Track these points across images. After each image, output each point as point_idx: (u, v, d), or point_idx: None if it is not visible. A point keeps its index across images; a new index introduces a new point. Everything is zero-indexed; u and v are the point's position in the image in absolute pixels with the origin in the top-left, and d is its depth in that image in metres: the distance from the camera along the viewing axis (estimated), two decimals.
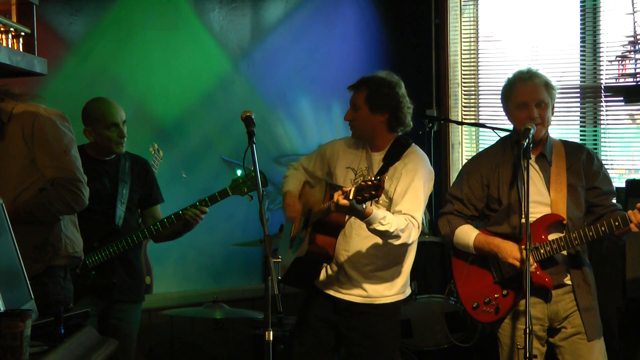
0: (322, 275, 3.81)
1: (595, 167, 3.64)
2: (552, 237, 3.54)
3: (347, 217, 3.64)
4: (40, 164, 3.51)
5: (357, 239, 3.74)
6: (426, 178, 3.72)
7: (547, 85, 3.62)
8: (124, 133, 4.27)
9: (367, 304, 3.76)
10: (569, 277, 3.59)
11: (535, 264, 3.51)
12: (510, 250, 3.54)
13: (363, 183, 3.30)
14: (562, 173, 3.60)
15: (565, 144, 3.73)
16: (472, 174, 3.76)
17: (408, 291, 3.89)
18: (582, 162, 3.63)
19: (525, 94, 3.60)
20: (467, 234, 3.69)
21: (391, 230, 3.49)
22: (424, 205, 3.70)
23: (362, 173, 3.72)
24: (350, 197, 3.27)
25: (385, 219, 3.47)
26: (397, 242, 3.56)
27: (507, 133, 4.59)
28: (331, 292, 3.80)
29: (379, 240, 3.63)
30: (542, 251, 3.52)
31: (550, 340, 3.66)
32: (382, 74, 3.80)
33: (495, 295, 3.65)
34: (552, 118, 5.16)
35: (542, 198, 3.60)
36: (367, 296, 3.75)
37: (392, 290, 3.79)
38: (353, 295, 3.76)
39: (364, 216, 3.44)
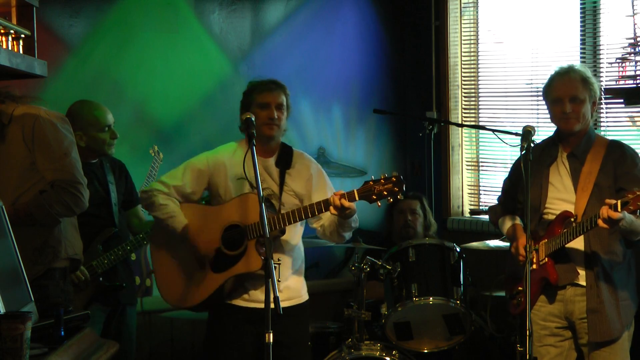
0: (241, 291, 3.75)
1: (625, 168, 3.58)
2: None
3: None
4: (41, 166, 3.51)
5: (280, 244, 3.75)
6: None
7: (585, 81, 3.61)
8: (116, 134, 4.29)
9: (293, 305, 3.78)
10: (584, 278, 3.58)
11: (546, 259, 3.59)
12: (520, 244, 3.65)
13: (372, 182, 3.47)
14: (593, 173, 3.58)
15: (610, 143, 3.68)
16: (513, 169, 3.88)
17: None
18: (615, 162, 3.60)
19: (560, 89, 3.63)
20: (506, 223, 3.85)
21: (357, 219, 3.71)
22: None
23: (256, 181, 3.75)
24: (357, 198, 3.47)
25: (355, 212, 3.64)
26: (350, 233, 3.80)
27: (509, 135, 4.62)
28: (255, 305, 3.73)
29: (295, 242, 3.78)
30: (550, 245, 3.59)
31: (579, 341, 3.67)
32: None
33: (519, 288, 3.72)
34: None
35: (567, 196, 3.63)
36: (290, 298, 3.78)
37: (305, 286, 3.90)
38: (282, 301, 3.72)
39: (352, 215, 3.59)
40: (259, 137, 3.78)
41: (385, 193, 3.45)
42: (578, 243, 3.56)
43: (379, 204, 3.55)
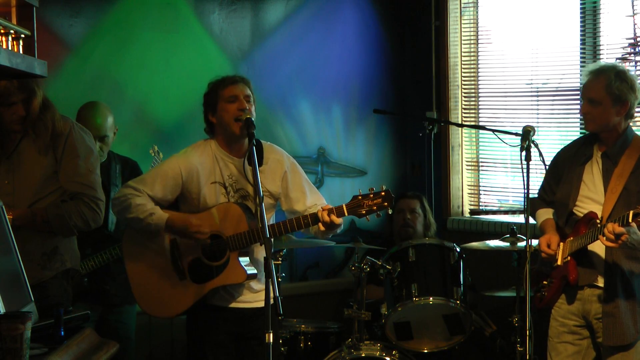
0: (222, 292, 3.69)
1: None
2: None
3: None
4: (64, 177, 3.50)
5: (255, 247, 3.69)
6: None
7: (610, 84, 3.54)
8: (109, 145, 4.30)
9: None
10: (602, 280, 3.57)
11: (568, 257, 3.59)
12: (543, 240, 3.65)
13: (360, 197, 3.41)
14: (624, 175, 3.54)
15: None
16: (552, 163, 3.85)
17: None
18: None
19: (583, 89, 3.65)
20: (539, 217, 3.82)
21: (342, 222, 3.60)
22: None
23: (230, 183, 3.67)
24: (346, 213, 3.43)
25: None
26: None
27: (509, 135, 4.62)
28: (238, 305, 3.70)
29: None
30: (573, 244, 3.58)
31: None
32: None
33: (544, 282, 3.73)
34: (552, 120, 5.16)
35: (597, 196, 3.60)
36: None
37: None
38: (258, 301, 3.69)
39: (339, 227, 3.55)
40: (231, 135, 3.66)
41: (375, 208, 3.41)
42: (600, 247, 3.53)
43: (368, 218, 3.50)
